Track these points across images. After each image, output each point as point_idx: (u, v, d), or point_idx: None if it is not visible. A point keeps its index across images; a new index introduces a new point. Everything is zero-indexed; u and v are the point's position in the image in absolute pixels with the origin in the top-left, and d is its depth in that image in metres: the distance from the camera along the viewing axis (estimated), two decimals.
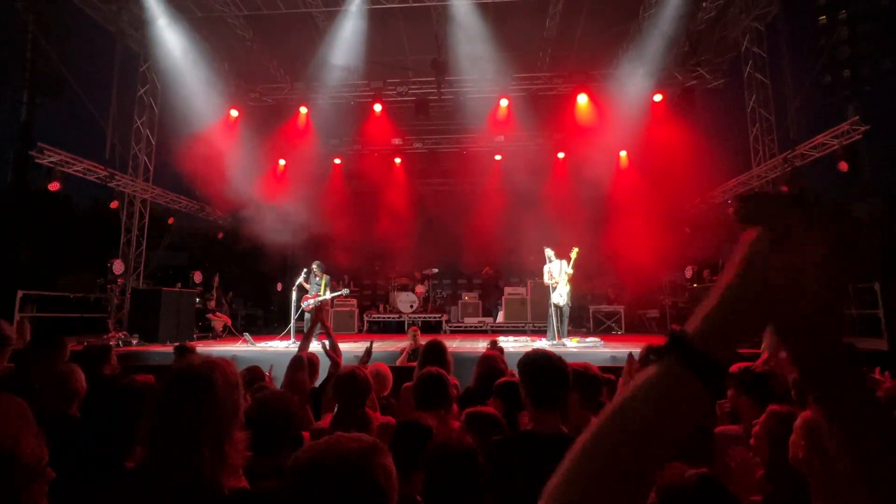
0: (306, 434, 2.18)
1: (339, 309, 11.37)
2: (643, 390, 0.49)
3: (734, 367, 2.23)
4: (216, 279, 11.17)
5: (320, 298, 8.43)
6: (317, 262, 8.70)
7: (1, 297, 7.39)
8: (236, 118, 11.17)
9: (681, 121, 10.01)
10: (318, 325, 4.23)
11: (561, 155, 12.87)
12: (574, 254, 8.04)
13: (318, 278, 8.57)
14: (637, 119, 10.56)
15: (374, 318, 12.38)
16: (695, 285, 9.73)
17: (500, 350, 4.46)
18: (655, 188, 10.86)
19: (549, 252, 8.27)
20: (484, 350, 4.12)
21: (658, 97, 10.41)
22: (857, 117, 8.23)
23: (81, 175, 9.45)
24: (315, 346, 6.79)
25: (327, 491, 0.83)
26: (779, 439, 1.64)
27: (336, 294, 8.94)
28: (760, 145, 9.86)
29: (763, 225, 0.49)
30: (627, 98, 10.34)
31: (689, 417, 0.48)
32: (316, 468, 0.85)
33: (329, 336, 3.63)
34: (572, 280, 8.11)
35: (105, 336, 8.15)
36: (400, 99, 11.12)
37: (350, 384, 2.37)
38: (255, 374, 3.04)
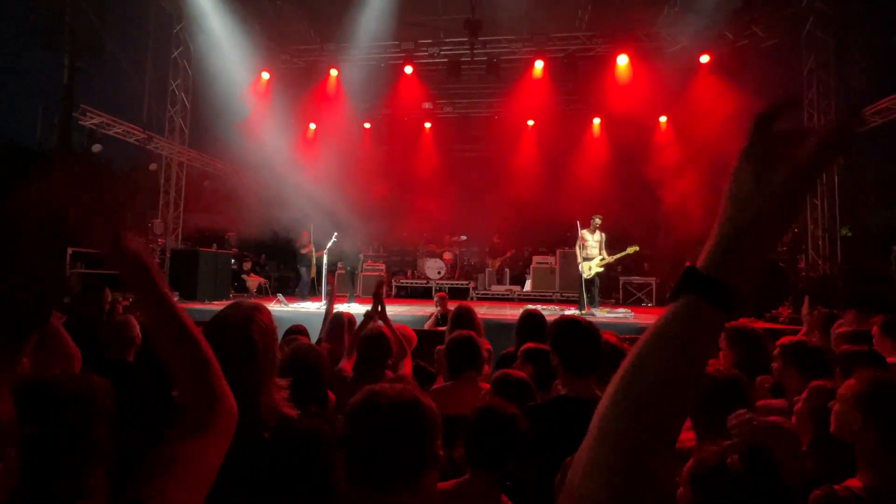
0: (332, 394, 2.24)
1: (367, 273, 11.53)
2: (663, 329, 0.48)
3: (784, 340, 2.14)
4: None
5: None
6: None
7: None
8: (268, 81, 11.15)
9: (728, 83, 9.39)
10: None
11: (597, 120, 12.37)
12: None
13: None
14: (680, 82, 10.00)
15: (402, 283, 12.53)
16: None
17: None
18: (697, 156, 10.34)
19: (596, 220, 8.10)
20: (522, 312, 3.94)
21: (705, 58, 9.77)
22: None
23: (121, 137, 9.71)
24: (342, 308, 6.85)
25: (389, 421, 1.03)
26: (824, 416, 1.57)
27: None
28: (815, 110, 9.17)
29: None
30: (671, 59, 9.76)
31: (710, 350, 0.50)
32: (374, 407, 1.04)
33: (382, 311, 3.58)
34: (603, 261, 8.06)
35: None
36: (431, 61, 10.82)
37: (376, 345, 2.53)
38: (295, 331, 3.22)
